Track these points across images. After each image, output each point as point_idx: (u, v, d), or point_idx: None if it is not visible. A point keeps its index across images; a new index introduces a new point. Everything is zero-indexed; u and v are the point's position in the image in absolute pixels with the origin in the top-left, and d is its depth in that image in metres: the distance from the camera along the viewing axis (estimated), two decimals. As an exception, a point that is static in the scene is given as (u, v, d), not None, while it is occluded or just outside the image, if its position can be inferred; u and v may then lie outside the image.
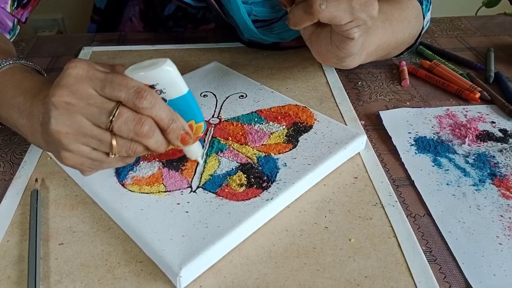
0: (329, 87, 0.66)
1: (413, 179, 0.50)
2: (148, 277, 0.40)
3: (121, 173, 0.47)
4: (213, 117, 0.57)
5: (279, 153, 0.50)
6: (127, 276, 0.40)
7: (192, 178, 0.47)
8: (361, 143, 0.53)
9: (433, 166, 0.52)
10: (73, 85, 0.38)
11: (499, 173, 0.51)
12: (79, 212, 0.46)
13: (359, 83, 0.69)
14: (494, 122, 0.60)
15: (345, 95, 0.65)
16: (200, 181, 0.47)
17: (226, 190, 0.46)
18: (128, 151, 0.40)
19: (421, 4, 0.67)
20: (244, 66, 0.71)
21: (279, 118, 0.56)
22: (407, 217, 0.46)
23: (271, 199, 0.44)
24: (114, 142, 0.39)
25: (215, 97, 0.61)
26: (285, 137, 0.53)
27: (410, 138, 0.57)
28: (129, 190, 0.46)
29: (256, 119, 0.56)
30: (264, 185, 0.46)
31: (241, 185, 0.46)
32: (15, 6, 0.63)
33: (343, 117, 0.60)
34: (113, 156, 0.40)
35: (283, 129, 0.54)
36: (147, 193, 0.45)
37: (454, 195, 0.48)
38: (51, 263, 0.41)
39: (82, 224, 0.44)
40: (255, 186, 0.46)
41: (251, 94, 0.61)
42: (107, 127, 0.39)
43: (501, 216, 0.46)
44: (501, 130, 0.58)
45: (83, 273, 0.40)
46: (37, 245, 0.41)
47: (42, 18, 1.60)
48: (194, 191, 0.46)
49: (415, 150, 0.55)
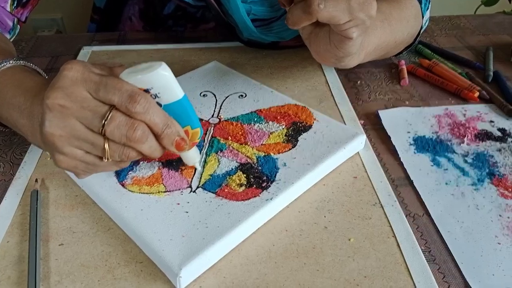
0: (329, 86, 0.66)
1: (412, 179, 0.51)
2: (148, 278, 0.40)
3: (120, 173, 0.47)
4: (212, 116, 0.57)
5: (278, 153, 0.50)
6: (127, 277, 0.40)
7: (192, 178, 0.47)
8: (360, 143, 0.53)
9: (432, 166, 0.52)
10: (68, 88, 0.38)
11: (498, 173, 0.51)
12: (79, 212, 0.46)
13: (358, 82, 0.69)
14: (493, 121, 0.60)
15: (344, 94, 0.65)
16: (200, 181, 0.47)
17: (226, 190, 0.46)
18: (121, 155, 0.40)
19: (420, 3, 0.67)
20: (244, 65, 0.71)
21: (278, 117, 0.56)
22: (406, 216, 0.46)
23: (271, 199, 0.44)
24: (106, 146, 0.39)
25: (215, 97, 0.61)
26: (284, 137, 0.53)
27: (409, 137, 0.57)
28: (129, 190, 0.46)
29: (255, 119, 0.56)
30: (263, 185, 0.46)
31: (240, 185, 0.46)
32: (15, 5, 0.63)
33: (342, 117, 0.60)
34: (106, 160, 0.40)
35: (283, 128, 0.54)
36: (147, 193, 0.45)
37: (453, 194, 0.49)
38: (51, 264, 0.41)
39: (82, 225, 0.45)
40: (254, 186, 0.46)
41: (250, 94, 0.61)
42: (99, 131, 0.38)
43: (500, 215, 0.46)
44: (499, 130, 0.58)
45: (83, 273, 0.40)
46: (37, 246, 0.41)
47: (41, 17, 1.60)
48: (194, 191, 0.46)
49: (414, 149, 0.55)
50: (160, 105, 0.41)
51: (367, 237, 0.44)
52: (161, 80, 0.39)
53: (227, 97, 0.61)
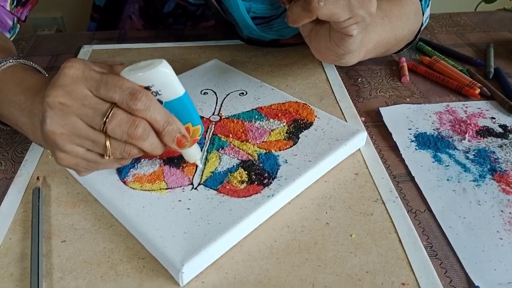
0: (329, 84, 0.66)
1: (413, 175, 0.51)
2: (151, 274, 0.40)
3: (122, 170, 0.48)
4: (213, 114, 0.57)
5: (279, 150, 0.51)
6: (129, 273, 0.40)
7: (193, 175, 0.47)
8: (361, 140, 0.54)
9: (433, 162, 0.52)
10: (68, 86, 0.38)
11: (499, 169, 0.51)
12: (81, 209, 0.46)
13: (359, 79, 0.69)
14: (494, 118, 0.60)
15: (345, 91, 0.65)
16: (201, 178, 0.47)
17: (227, 187, 0.46)
18: (123, 153, 0.40)
19: (420, 0, 0.67)
20: (244, 63, 0.71)
21: (279, 115, 0.56)
22: (407, 212, 0.46)
23: (272, 195, 0.44)
24: (108, 143, 0.39)
25: (216, 95, 0.61)
26: (285, 134, 0.53)
27: (410, 134, 0.57)
28: (130, 187, 0.46)
29: (256, 116, 0.56)
30: (265, 181, 0.46)
31: (242, 182, 0.46)
32: (14, 4, 0.63)
33: (343, 114, 0.60)
34: (107, 158, 0.40)
35: (284, 126, 0.54)
36: (148, 190, 0.45)
37: (454, 190, 0.49)
38: (54, 260, 0.41)
39: (84, 222, 0.45)
40: (256, 182, 0.46)
41: (251, 92, 0.61)
42: (101, 128, 0.38)
43: (502, 211, 0.46)
44: (501, 126, 0.58)
45: (85, 270, 0.40)
46: (40, 243, 0.41)
47: (41, 16, 1.60)
48: (195, 188, 0.46)
49: (416, 146, 0.55)
50: (161, 102, 0.41)
51: (369, 233, 0.44)
52: (162, 77, 0.39)
53: (227, 95, 0.61)
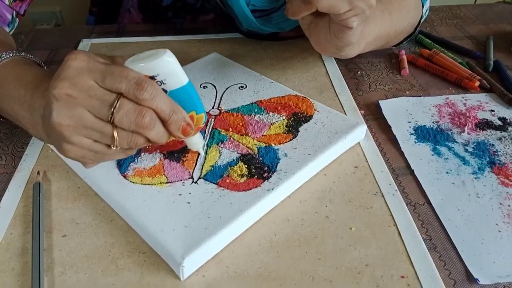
0: (329, 77, 0.66)
1: (412, 168, 0.51)
2: (151, 268, 0.40)
3: (122, 164, 0.48)
4: (213, 108, 0.57)
5: (279, 144, 0.51)
6: (130, 267, 0.40)
7: (193, 169, 0.47)
8: (361, 133, 0.54)
9: (432, 155, 0.52)
10: (74, 77, 0.38)
11: (498, 161, 0.51)
12: (81, 204, 0.46)
13: (359, 72, 0.69)
14: (493, 111, 0.60)
15: (344, 85, 0.65)
16: (201, 172, 0.47)
17: (228, 181, 0.46)
18: (130, 143, 0.40)
19: (420, -7, 0.67)
20: (244, 56, 0.71)
21: (279, 108, 0.56)
22: (407, 205, 0.46)
23: (272, 189, 0.45)
24: (115, 134, 0.39)
25: (215, 88, 0.61)
26: (285, 128, 0.53)
27: (410, 127, 0.57)
28: (131, 181, 0.46)
29: (256, 110, 0.56)
30: (265, 175, 0.46)
31: (242, 176, 0.46)
32: (13, -2, 0.63)
33: (342, 107, 0.60)
34: (114, 148, 0.40)
35: (283, 119, 0.54)
36: (148, 184, 0.46)
37: (453, 183, 0.49)
38: (55, 255, 0.41)
39: (84, 216, 0.45)
40: (256, 176, 0.46)
41: (251, 85, 0.61)
42: (108, 119, 0.38)
43: (501, 204, 0.46)
44: (500, 119, 0.58)
45: (86, 264, 0.40)
46: (40, 237, 0.42)
47: (40, 11, 1.59)
48: (196, 182, 0.46)
49: (415, 139, 0.55)
50: (165, 91, 0.41)
51: (368, 226, 0.44)
52: (167, 66, 0.40)
53: (227, 89, 0.61)
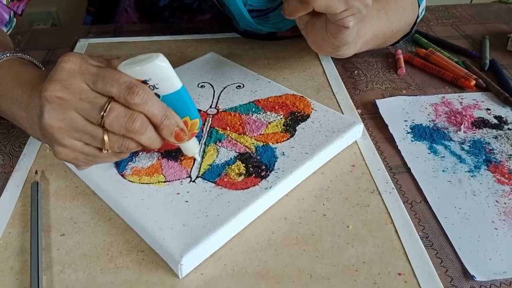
0: (326, 76, 0.67)
1: (409, 166, 0.51)
2: (150, 266, 0.40)
3: (120, 164, 0.48)
4: (210, 107, 0.57)
5: (277, 143, 0.51)
6: (129, 265, 0.40)
7: (191, 168, 0.48)
8: (358, 132, 0.54)
9: (429, 153, 0.53)
10: (66, 80, 0.38)
11: (494, 159, 0.52)
12: (79, 203, 0.46)
13: (356, 72, 0.69)
14: (489, 109, 0.60)
15: (341, 84, 0.65)
16: (199, 171, 0.47)
17: (225, 180, 0.46)
18: (121, 147, 0.40)
19: (417, -8, 0.67)
20: (241, 56, 0.72)
21: (276, 107, 0.57)
22: (403, 203, 0.46)
23: (270, 187, 0.45)
24: (106, 137, 0.39)
25: (212, 88, 0.61)
26: (282, 127, 0.53)
27: (406, 126, 0.57)
28: (129, 180, 0.46)
29: (253, 109, 0.56)
30: (262, 174, 0.46)
31: (239, 175, 0.47)
32: (10, -2, 0.63)
33: (340, 106, 0.60)
34: (105, 152, 0.40)
35: (281, 118, 0.55)
36: (146, 183, 0.46)
37: (450, 181, 0.49)
38: (53, 254, 0.41)
39: (83, 215, 0.45)
40: (253, 175, 0.46)
41: (248, 84, 0.61)
42: (98, 122, 0.38)
43: (497, 201, 0.47)
44: (496, 117, 0.59)
45: (85, 262, 0.40)
46: (39, 236, 0.42)
47: (36, 11, 1.59)
48: (194, 181, 0.46)
49: (411, 137, 0.55)
50: (158, 96, 0.41)
51: (366, 224, 0.44)
52: (159, 71, 0.39)
53: (224, 88, 0.61)
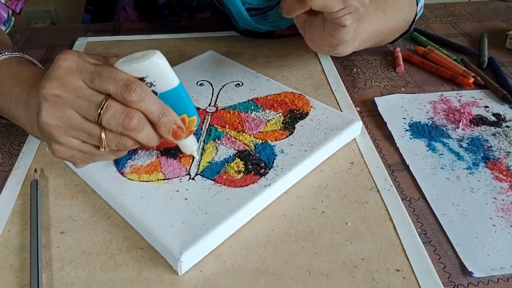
0: (325, 74, 0.67)
1: (408, 164, 0.51)
2: (149, 263, 0.40)
3: (119, 162, 0.48)
4: (209, 105, 0.57)
5: (276, 140, 0.51)
6: (128, 263, 0.40)
7: (190, 166, 0.48)
8: (356, 129, 0.54)
9: (427, 151, 0.53)
10: (63, 78, 0.38)
11: (493, 157, 0.52)
12: (79, 201, 0.46)
13: (354, 70, 0.69)
14: (488, 107, 0.60)
15: (340, 82, 0.65)
16: (198, 168, 0.47)
17: (224, 177, 0.46)
18: (118, 145, 0.40)
19: (415, -10, 0.67)
20: (240, 54, 0.72)
21: (275, 105, 0.57)
22: (402, 200, 0.47)
23: (269, 185, 0.45)
24: (103, 135, 0.39)
25: (211, 86, 0.61)
26: (281, 124, 0.53)
27: (405, 123, 0.57)
28: (128, 178, 0.46)
29: (252, 107, 0.56)
30: (261, 171, 0.47)
31: (239, 172, 0.47)
32: (9, -3, 0.63)
33: (338, 104, 0.60)
34: (103, 150, 0.40)
35: (280, 116, 0.55)
36: (146, 181, 0.46)
37: (448, 178, 0.49)
38: (53, 251, 0.41)
39: (82, 213, 0.45)
40: (252, 172, 0.47)
41: (247, 83, 0.61)
42: (95, 120, 0.38)
43: (495, 198, 0.47)
44: (494, 115, 0.59)
45: (84, 260, 0.40)
46: (39, 234, 0.42)
47: (35, 9, 1.58)
48: (193, 179, 0.46)
49: (410, 135, 0.55)
50: (155, 93, 0.41)
51: (364, 220, 0.44)
52: (156, 68, 0.39)
53: (223, 86, 0.61)
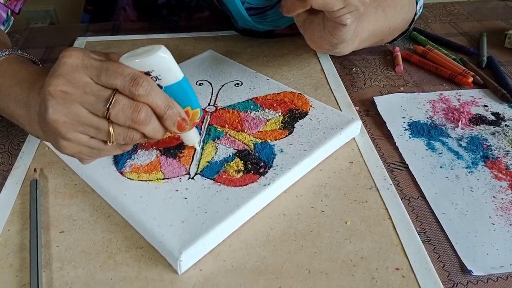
0: (324, 74, 0.67)
1: (407, 163, 0.51)
2: (149, 262, 0.40)
3: (119, 161, 0.48)
4: (209, 105, 0.57)
5: (275, 140, 0.51)
6: (128, 262, 0.40)
7: (190, 165, 0.48)
8: (356, 129, 0.54)
9: (426, 150, 0.53)
10: (69, 74, 0.38)
11: (492, 156, 0.52)
12: (78, 200, 0.46)
13: (354, 69, 0.69)
14: (487, 106, 0.60)
15: (339, 81, 0.65)
16: (198, 168, 0.47)
17: (224, 176, 0.46)
18: (126, 138, 0.40)
19: (414, -10, 0.67)
20: (239, 54, 0.72)
21: (274, 105, 0.57)
22: (401, 199, 0.47)
23: (268, 184, 0.45)
24: (111, 129, 0.39)
25: (211, 85, 0.61)
26: (281, 124, 0.53)
27: (404, 122, 0.57)
28: (127, 178, 0.46)
29: (252, 107, 0.56)
30: (261, 171, 0.47)
31: (238, 171, 0.47)
32: (8, -3, 0.63)
33: (338, 103, 0.60)
34: (110, 144, 0.41)
35: (279, 116, 0.55)
36: (145, 180, 0.46)
37: (447, 177, 0.49)
38: (53, 251, 0.41)
39: (82, 212, 0.45)
40: (252, 172, 0.47)
41: (246, 82, 0.61)
42: (104, 115, 0.39)
43: (494, 197, 0.47)
44: (493, 114, 0.59)
45: (84, 259, 0.41)
46: (38, 233, 0.42)
47: (34, 9, 1.58)
48: (192, 178, 0.46)
49: (409, 134, 0.55)
50: (160, 87, 0.41)
51: (364, 219, 0.44)
52: (161, 62, 0.40)
53: (223, 86, 0.61)
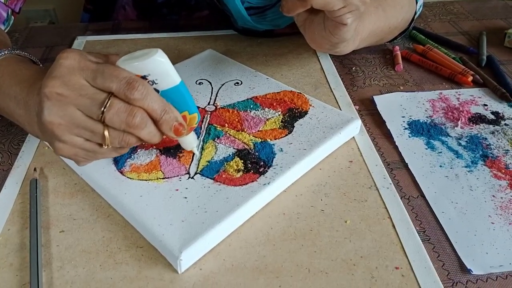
0: (324, 73, 0.67)
1: (407, 162, 0.51)
2: (149, 262, 0.40)
3: (119, 161, 0.48)
4: (209, 104, 0.57)
5: (275, 139, 0.51)
6: (128, 261, 0.40)
7: (190, 165, 0.48)
8: (355, 128, 0.54)
9: (426, 149, 0.53)
10: (65, 76, 0.38)
11: (491, 155, 0.52)
12: (78, 200, 0.46)
13: (353, 68, 0.69)
14: (486, 105, 0.60)
15: (339, 80, 0.65)
16: (197, 167, 0.47)
17: (224, 176, 0.46)
18: (121, 142, 0.40)
19: (414, -11, 0.67)
20: (239, 53, 0.72)
21: (274, 104, 0.57)
22: (401, 198, 0.47)
23: (268, 183, 0.45)
24: (106, 133, 0.39)
25: (211, 85, 0.61)
26: (280, 123, 0.53)
27: (404, 122, 0.57)
28: (127, 177, 0.46)
29: (251, 106, 0.57)
30: (261, 170, 0.47)
31: (238, 171, 0.47)
32: (8, -4, 0.63)
33: (337, 102, 0.61)
34: (106, 147, 0.40)
35: (279, 115, 0.55)
36: (145, 180, 0.46)
37: (447, 176, 0.49)
38: (53, 250, 0.41)
39: (82, 212, 0.45)
40: (252, 171, 0.47)
41: (246, 81, 0.61)
42: (99, 118, 0.39)
43: (493, 196, 0.47)
44: (493, 113, 0.59)
45: (84, 259, 0.41)
46: (38, 233, 0.42)
47: (34, 9, 1.58)
48: (192, 177, 0.46)
49: (409, 133, 0.55)
50: (157, 91, 0.41)
51: (363, 219, 0.44)
52: (158, 66, 0.40)
53: (223, 85, 0.61)
